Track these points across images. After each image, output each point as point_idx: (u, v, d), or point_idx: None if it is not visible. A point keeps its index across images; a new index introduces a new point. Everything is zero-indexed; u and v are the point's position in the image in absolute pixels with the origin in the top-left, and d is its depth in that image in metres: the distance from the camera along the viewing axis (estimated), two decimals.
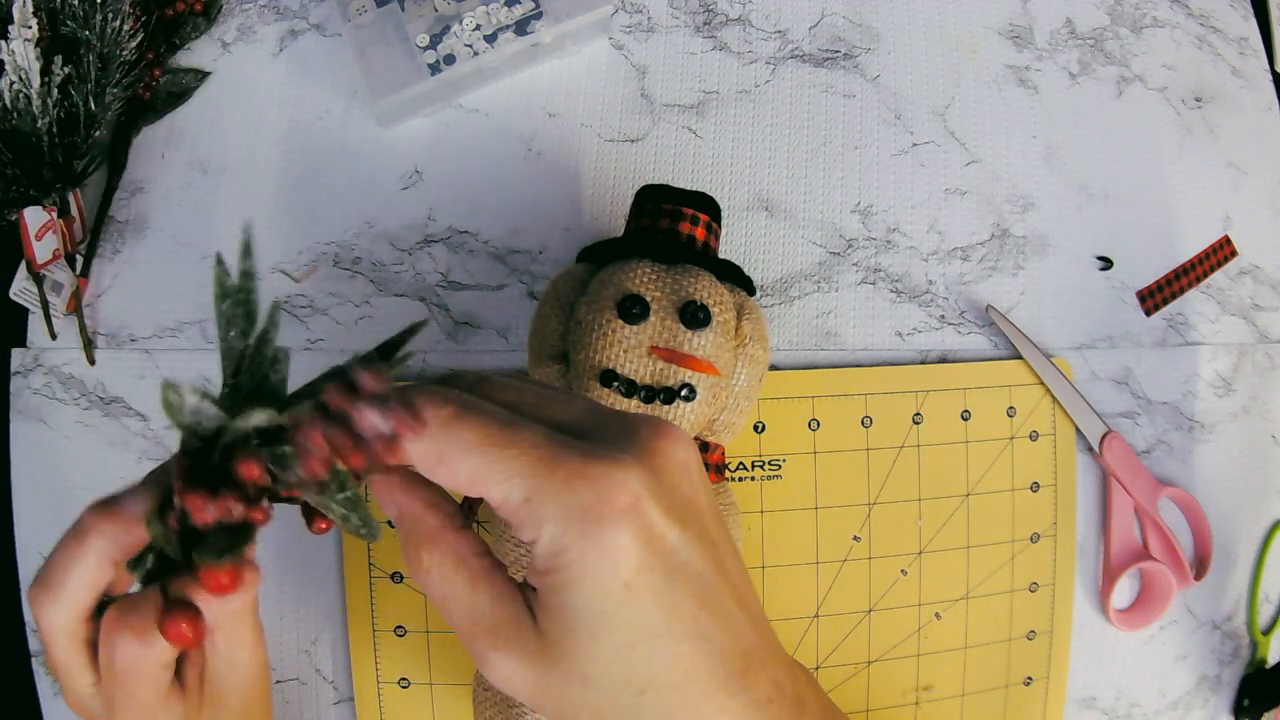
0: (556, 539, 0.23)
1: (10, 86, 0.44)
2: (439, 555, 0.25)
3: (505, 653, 0.24)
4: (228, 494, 0.23)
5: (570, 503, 0.23)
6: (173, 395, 0.23)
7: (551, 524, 0.23)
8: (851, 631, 0.51)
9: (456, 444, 0.23)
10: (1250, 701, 0.55)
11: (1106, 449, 0.53)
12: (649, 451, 0.24)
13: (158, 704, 0.30)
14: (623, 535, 0.23)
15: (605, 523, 0.23)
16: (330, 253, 0.51)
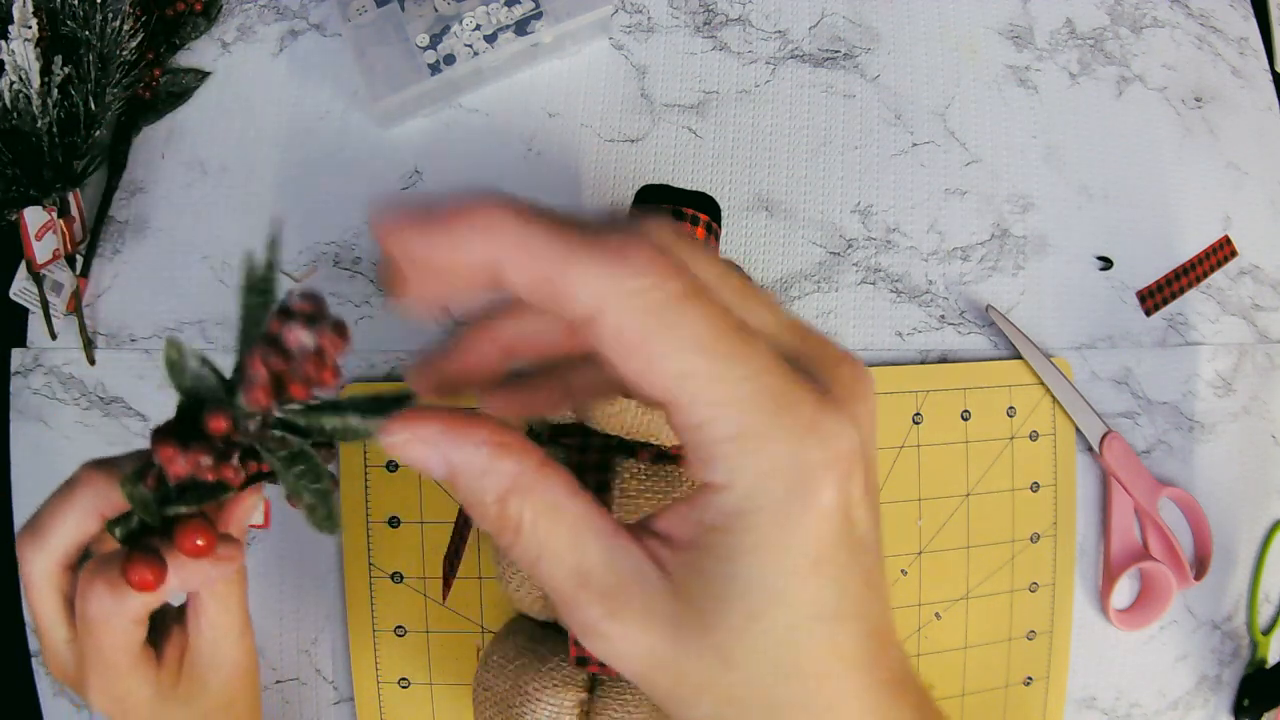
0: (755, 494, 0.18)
1: (10, 86, 0.44)
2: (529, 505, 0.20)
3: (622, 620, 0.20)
4: (199, 448, 0.23)
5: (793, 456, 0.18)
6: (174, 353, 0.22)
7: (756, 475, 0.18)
8: None
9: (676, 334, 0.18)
10: (1250, 701, 0.55)
11: (1106, 449, 0.53)
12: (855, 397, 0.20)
13: (126, 663, 0.30)
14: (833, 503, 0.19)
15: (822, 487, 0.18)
16: (330, 253, 0.51)
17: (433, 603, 0.49)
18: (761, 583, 0.19)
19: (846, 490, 0.19)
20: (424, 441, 0.20)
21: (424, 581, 0.49)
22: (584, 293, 0.18)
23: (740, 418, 0.18)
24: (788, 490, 0.18)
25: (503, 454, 0.20)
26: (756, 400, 0.18)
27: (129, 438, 0.50)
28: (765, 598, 0.19)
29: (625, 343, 0.18)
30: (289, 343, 0.20)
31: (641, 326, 0.18)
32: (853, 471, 0.19)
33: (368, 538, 0.49)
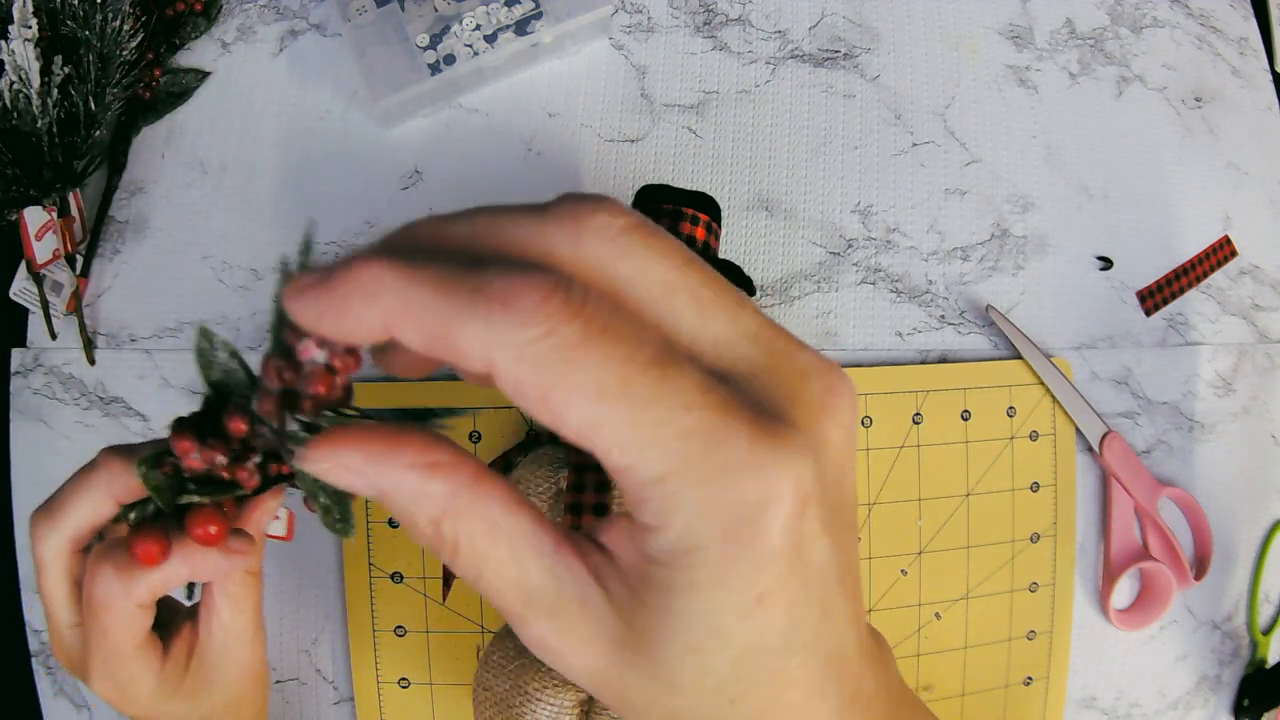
0: (690, 535, 0.17)
1: (10, 86, 0.44)
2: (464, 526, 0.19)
3: (569, 637, 0.19)
4: (216, 445, 0.23)
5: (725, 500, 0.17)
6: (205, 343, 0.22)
7: (689, 516, 0.17)
8: None
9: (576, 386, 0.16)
10: (1250, 701, 0.55)
11: (1106, 449, 0.53)
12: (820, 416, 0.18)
13: (130, 650, 0.30)
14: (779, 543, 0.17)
15: (764, 529, 0.17)
16: (330, 253, 0.51)
17: (433, 603, 0.49)
18: (702, 620, 0.18)
19: (794, 527, 0.18)
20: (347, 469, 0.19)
21: (424, 581, 0.49)
22: (474, 351, 0.17)
23: (663, 461, 0.17)
24: (724, 533, 0.17)
25: (432, 475, 0.18)
26: (680, 442, 0.17)
27: (129, 438, 0.50)
28: (706, 634, 0.18)
29: (527, 397, 0.17)
30: (300, 355, 0.20)
31: (537, 381, 0.16)
32: (804, 505, 0.18)
33: (368, 538, 0.49)
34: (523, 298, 0.16)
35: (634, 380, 0.16)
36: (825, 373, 0.19)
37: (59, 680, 0.50)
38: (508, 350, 0.16)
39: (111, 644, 0.30)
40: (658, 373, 0.16)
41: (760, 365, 0.18)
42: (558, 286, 0.16)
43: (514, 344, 0.16)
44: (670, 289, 0.18)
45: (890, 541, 0.51)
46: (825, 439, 0.18)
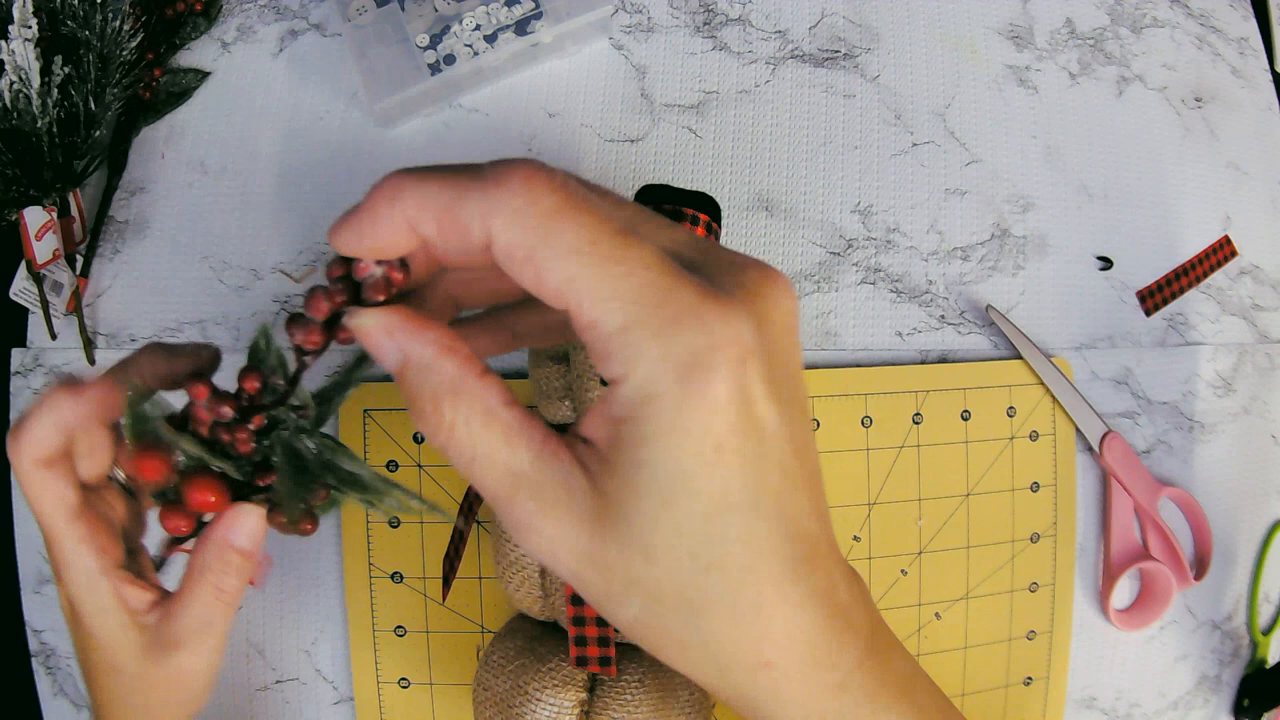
0: (649, 382, 0.20)
1: (10, 86, 0.44)
2: (464, 407, 0.21)
3: (553, 516, 0.21)
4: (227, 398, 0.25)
5: (677, 343, 0.19)
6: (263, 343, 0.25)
7: (647, 363, 0.19)
8: None
9: (556, 244, 0.20)
10: (1250, 701, 0.55)
11: (1106, 449, 0.53)
12: (758, 297, 0.21)
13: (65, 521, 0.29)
14: (725, 389, 0.19)
15: (711, 373, 0.19)
16: (330, 253, 0.51)
17: (433, 603, 0.49)
18: (667, 468, 0.20)
19: (740, 377, 0.20)
20: (384, 329, 0.22)
21: (424, 581, 0.49)
22: (475, 222, 0.20)
23: (624, 311, 0.19)
24: (678, 376, 0.19)
25: (447, 355, 0.22)
26: (639, 293, 0.19)
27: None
28: (674, 484, 0.20)
29: (516, 258, 0.20)
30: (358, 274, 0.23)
31: (525, 240, 0.20)
32: (745, 359, 0.20)
33: (368, 538, 0.49)
34: (512, 176, 0.20)
35: (601, 242, 0.20)
36: (761, 265, 0.22)
37: (59, 680, 0.50)
38: (500, 217, 0.20)
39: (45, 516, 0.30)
40: (622, 240, 0.20)
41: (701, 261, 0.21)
42: (541, 168, 0.20)
43: (505, 211, 0.20)
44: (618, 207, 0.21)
45: (890, 541, 0.51)
46: (765, 313, 0.21)
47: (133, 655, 0.30)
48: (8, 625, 0.50)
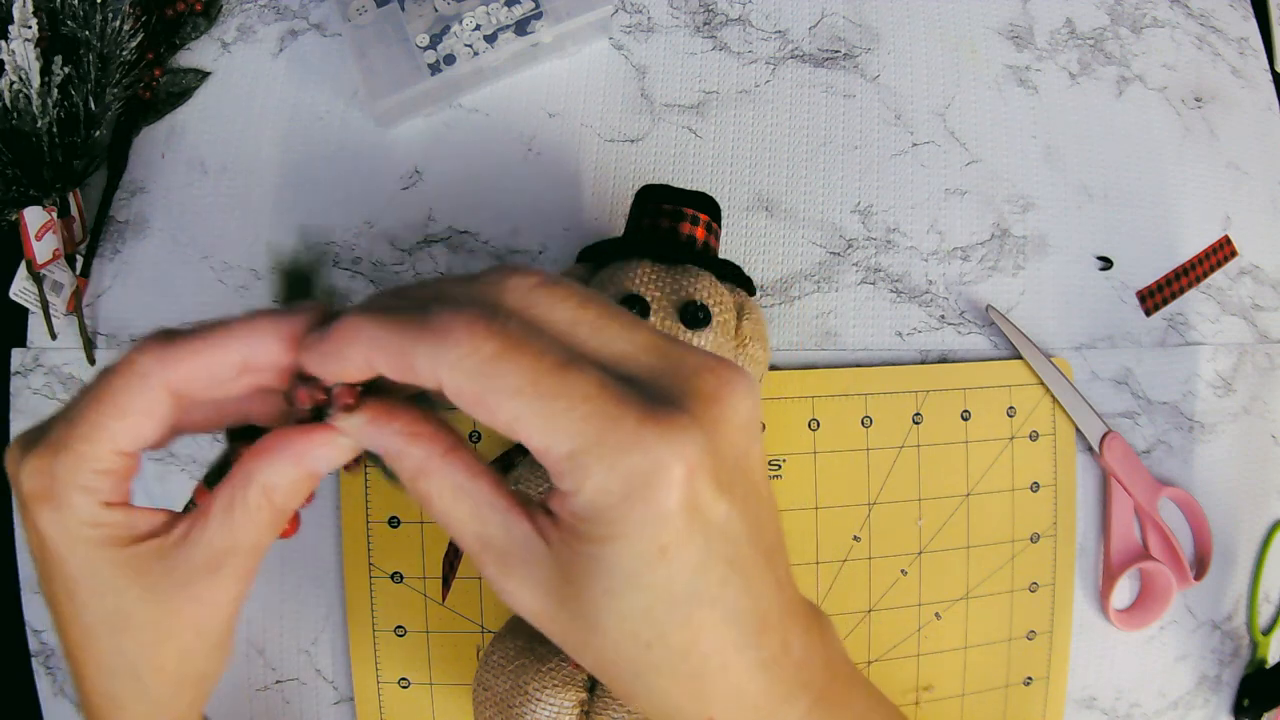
0: (598, 499, 0.21)
1: (10, 86, 0.44)
2: (434, 486, 0.24)
3: (516, 578, 0.24)
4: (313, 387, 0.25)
5: (621, 468, 0.21)
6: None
7: (595, 484, 0.21)
8: (851, 631, 0.51)
9: (497, 387, 0.21)
10: (1250, 701, 0.55)
11: (1106, 449, 0.53)
12: (712, 403, 0.22)
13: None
14: (670, 504, 0.21)
15: (654, 490, 0.21)
16: (330, 252, 0.51)
17: (433, 603, 0.49)
18: (617, 566, 0.22)
19: (685, 488, 0.21)
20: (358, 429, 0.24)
21: (424, 581, 0.49)
22: (424, 369, 0.22)
23: (570, 441, 0.21)
24: (623, 495, 0.21)
25: (412, 442, 0.24)
26: (582, 425, 0.21)
27: None
28: (620, 579, 0.22)
29: (467, 402, 0.22)
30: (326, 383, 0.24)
31: (471, 388, 0.21)
32: (692, 473, 0.21)
33: (368, 538, 0.49)
34: (454, 326, 0.21)
35: (541, 380, 0.21)
36: (717, 369, 0.23)
37: (59, 680, 0.50)
38: (446, 367, 0.21)
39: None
40: (561, 374, 0.21)
41: (658, 369, 0.23)
42: (480, 316, 0.22)
43: (450, 361, 0.21)
44: (572, 323, 0.23)
45: (890, 541, 0.51)
46: (717, 421, 0.22)
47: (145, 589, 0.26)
48: (8, 625, 0.50)
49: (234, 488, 0.25)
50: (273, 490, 0.25)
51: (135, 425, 0.25)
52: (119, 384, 0.24)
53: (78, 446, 0.24)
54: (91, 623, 0.26)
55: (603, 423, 0.21)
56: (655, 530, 0.22)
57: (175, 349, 0.25)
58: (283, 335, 0.24)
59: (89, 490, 0.25)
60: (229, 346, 0.25)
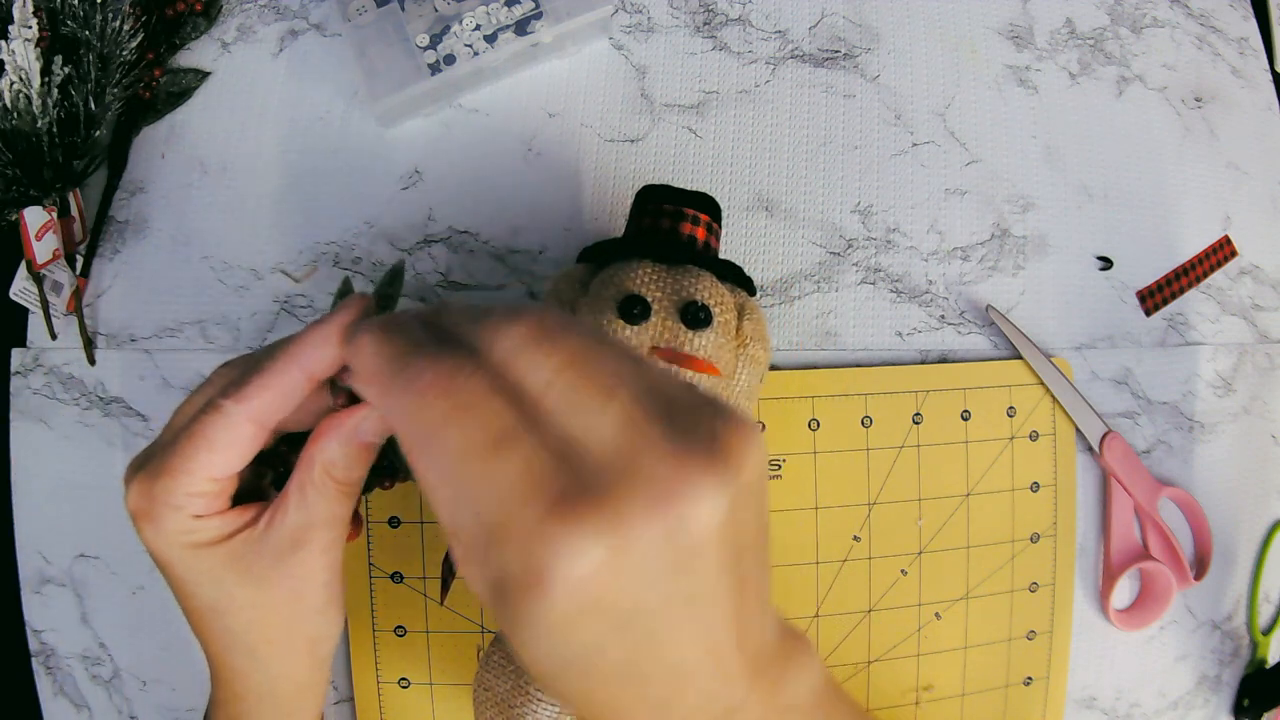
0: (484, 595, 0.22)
1: (10, 86, 0.44)
2: None
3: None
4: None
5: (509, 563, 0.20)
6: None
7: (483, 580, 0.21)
8: (851, 631, 0.51)
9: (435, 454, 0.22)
10: (1250, 701, 0.55)
11: (1106, 449, 0.53)
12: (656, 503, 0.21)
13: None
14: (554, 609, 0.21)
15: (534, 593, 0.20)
16: (330, 253, 0.51)
17: (433, 603, 0.49)
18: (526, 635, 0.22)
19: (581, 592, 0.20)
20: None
21: (424, 581, 0.49)
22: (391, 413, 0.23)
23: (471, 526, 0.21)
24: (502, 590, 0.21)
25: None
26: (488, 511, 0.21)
27: (129, 438, 0.50)
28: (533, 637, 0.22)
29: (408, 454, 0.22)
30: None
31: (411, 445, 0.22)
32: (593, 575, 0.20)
33: (368, 538, 0.49)
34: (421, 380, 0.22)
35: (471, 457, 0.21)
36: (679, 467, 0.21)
37: (59, 680, 0.50)
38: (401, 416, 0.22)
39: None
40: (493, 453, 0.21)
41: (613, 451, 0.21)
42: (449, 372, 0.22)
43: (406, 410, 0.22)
44: (548, 385, 0.22)
45: (890, 541, 0.51)
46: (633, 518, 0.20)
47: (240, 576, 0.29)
48: (8, 625, 0.50)
49: (301, 473, 0.29)
50: (332, 466, 0.28)
51: (224, 458, 0.28)
52: (208, 422, 0.28)
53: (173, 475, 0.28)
54: (200, 608, 0.30)
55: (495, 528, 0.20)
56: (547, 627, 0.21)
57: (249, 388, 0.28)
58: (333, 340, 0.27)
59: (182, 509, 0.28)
60: (292, 370, 0.28)
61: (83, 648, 0.50)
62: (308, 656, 0.32)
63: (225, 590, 0.29)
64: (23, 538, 0.50)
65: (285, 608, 0.30)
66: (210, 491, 0.28)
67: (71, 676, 0.50)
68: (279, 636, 0.31)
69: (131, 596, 0.50)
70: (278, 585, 0.29)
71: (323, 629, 0.32)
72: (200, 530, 0.29)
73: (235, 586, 0.29)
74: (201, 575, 0.29)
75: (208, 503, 0.28)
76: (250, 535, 0.29)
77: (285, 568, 0.29)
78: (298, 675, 0.32)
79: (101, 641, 0.50)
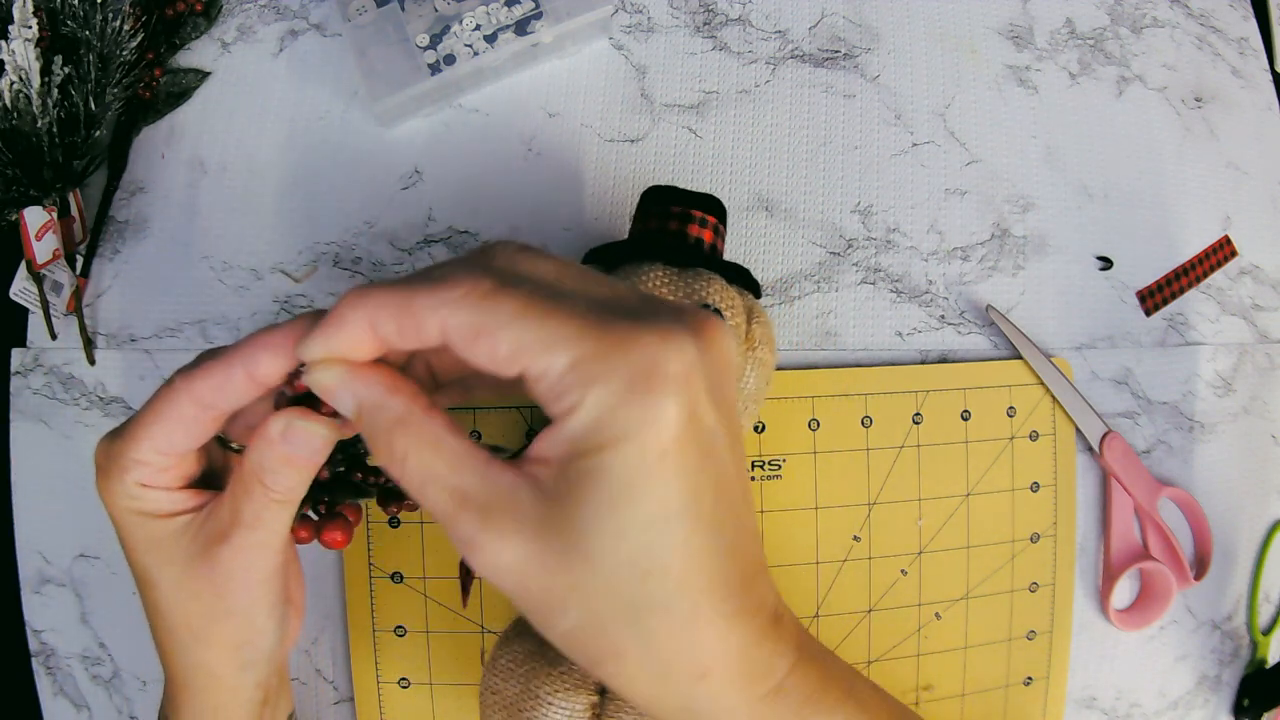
0: (601, 402, 0.22)
1: (10, 86, 0.44)
2: (412, 439, 0.24)
3: (497, 529, 0.23)
4: None
5: (622, 365, 0.22)
6: None
7: (599, 387, 0.22)
8: (851, 631, 0.51)
9: (496, 315, 0.22)
10: (1250, 701, 0.55)
11: (1106, 449, 0.53)
12: (698, 331, 0.23)
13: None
14: (671, 403, 0.22)
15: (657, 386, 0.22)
16: (330, 253, 0.51)
17: (433, 603, 0.49)
18: (614, 473, 0.22)
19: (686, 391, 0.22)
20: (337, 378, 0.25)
21: (424, 581, 0.49)
22: (427, 316, 0.23)
23: (570, 350, 0.22)
24: (624, 393, 0.22)
25: (393, 393, 0.25)
26: (579, 333, 0.22)
27: None
28: (619, 488, 0.22)
29: (467, 339, 0.23)
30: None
31: (470, 322, 0.23)
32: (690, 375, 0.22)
33: (368, 538, 0.49)
34: (452, 274, 0.23)
35: (538, 304, 0.22)
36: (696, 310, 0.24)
37: (59, 680, 0.50)
38: (449, 307, 0.23)
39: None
40: (553, 300, 0.23)
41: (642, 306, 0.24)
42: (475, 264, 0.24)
43: (451, 300, 0.23)
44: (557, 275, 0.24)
45: (890, 541, 0.51)
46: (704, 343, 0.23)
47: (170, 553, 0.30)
48: (8, 625, 0.50)
49: (237, 469, 0.29)
50: (259, 469, 0.28)
51: (165, 431, 0.29)
52: (158, 395, 0.29)
53: (125, 439, 0.29)
54: (136, 574, 0.31)
55: (600, 330, 0.22)
56: (656, 431, 0.22)
57: (198, 371, 0.28)
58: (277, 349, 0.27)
59: (128, 471, 0.29)
60: (235, 365, 0.27)
61: (83, 648, 0.50)
62: (230, 655, 0.32)
63: (154, 562, 0.30)
64: (23, 538, 0.50)
65: (205, 598, 0.30)
66: (154, 463, 0.29)
67: (71, 676, 0.50)
68: (197, 625, 0.31)
69: (131, 596, 0.50)
70: (198, 576, 0.30)
71: (246, 633, 0.32)
72: (145, 499, 0.30)
73: (163, 563, 0.30)
74: (140, 542, 0.30)
75: (152, 474, 0.29)
76: (192, 520, 0.30)
77: (208, 559, 0.30)
78: (218, 671, 0.32)
79: (101, 641, 0.50)
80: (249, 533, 0.29)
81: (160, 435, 0.29)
